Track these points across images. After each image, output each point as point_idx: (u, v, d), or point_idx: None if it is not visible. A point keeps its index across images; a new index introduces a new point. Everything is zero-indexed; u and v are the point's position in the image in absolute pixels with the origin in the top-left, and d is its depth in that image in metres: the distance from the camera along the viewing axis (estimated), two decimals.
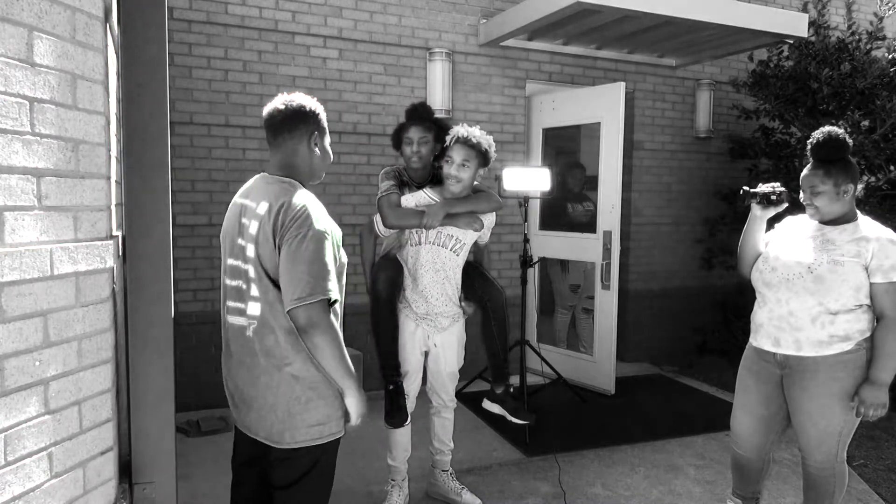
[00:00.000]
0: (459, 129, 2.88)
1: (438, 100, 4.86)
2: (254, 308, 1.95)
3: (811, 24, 4.90)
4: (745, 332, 3.00)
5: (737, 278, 3.01)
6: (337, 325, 1.93)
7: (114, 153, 2.09)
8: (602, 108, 4.86)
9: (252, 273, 1.95)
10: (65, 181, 1.66)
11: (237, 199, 2.12)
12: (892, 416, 4.42)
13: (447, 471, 3.22)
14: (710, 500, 3.27)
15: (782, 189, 2.71)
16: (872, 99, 4.61)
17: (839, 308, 2.44)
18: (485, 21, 5.01)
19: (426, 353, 3.09)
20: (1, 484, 1.52)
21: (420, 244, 2.94)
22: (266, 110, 2.03)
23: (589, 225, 5.11)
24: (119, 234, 2.08)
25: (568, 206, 5.35)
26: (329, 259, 1.87)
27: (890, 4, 5.23)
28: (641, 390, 5.09)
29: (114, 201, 2.03)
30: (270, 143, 2.06)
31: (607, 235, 4.86)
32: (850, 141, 2.52)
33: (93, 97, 1.75)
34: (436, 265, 2.95)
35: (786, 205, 2.70)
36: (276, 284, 1.90)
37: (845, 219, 2.53)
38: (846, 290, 2.43)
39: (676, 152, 5.88)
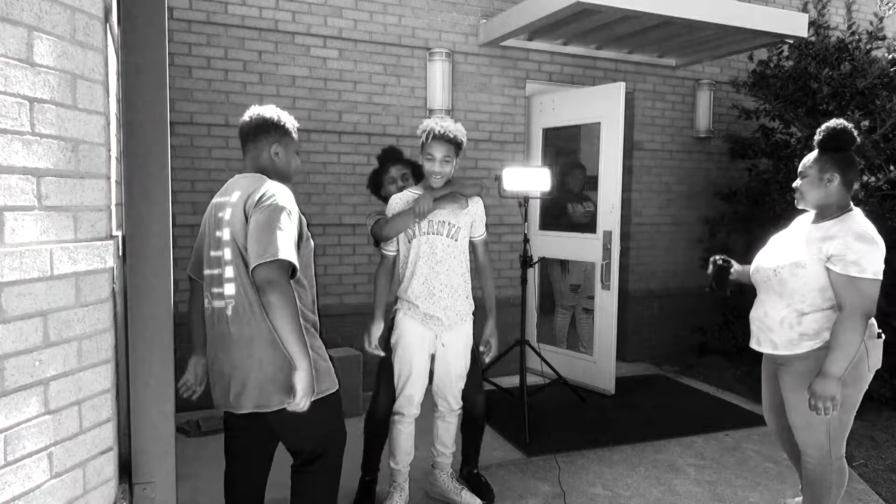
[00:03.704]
0: (433, 125, 2.87)
1: (438, 100, 4.86)
2: (230, 288, 2.13)
3: (811, 24, 4.90)
4: (745, 332, 3.01)
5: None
6: (293, 291, 2.02)
7: (114, 153, 2.09)
8: (602, 108, 4.86)
9: (227, 255, 2.12)
10: (65, 181, 1.66)
11: (214, 200, 2.29)
12: (892, 416, 4.43)
13: (447, 472, 3.22)
14: (710, 500, 3.27)
15: (717, 258, 2.93)
16: (872, 99, 4.61)
17: (810, 308, 2.47)
18: (485, 21, 5.01)
19: (433, 356, 3.03)
20: (1, 484, 1.52)
21: (415, 237, 2.93)
22: (241, 119, 2.30)
23: (589, 225, 5.11)
24: (119, 234, 2.08)
25: (568, 207, 5.35)
26: (288, 228, 2.03)
27: (890, 4, 5.23)
28: (641, 390, 5.09)
29: (114, 201, 2.03)
30: (243, 147, 2.30)
31: (607, 235, 4.86)
32: (854, 135, 2.51)
33: (93, 97, 1.75)
34: (434, 255, 2.92)
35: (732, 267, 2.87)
36: (245, 262, 2.07)
37: (830, 212, 2.52)
38: (809, 292, 2.46)
39: (676, 152, 5.88)
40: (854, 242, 2.37)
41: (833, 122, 2.53)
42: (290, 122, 2.34)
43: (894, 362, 4.62)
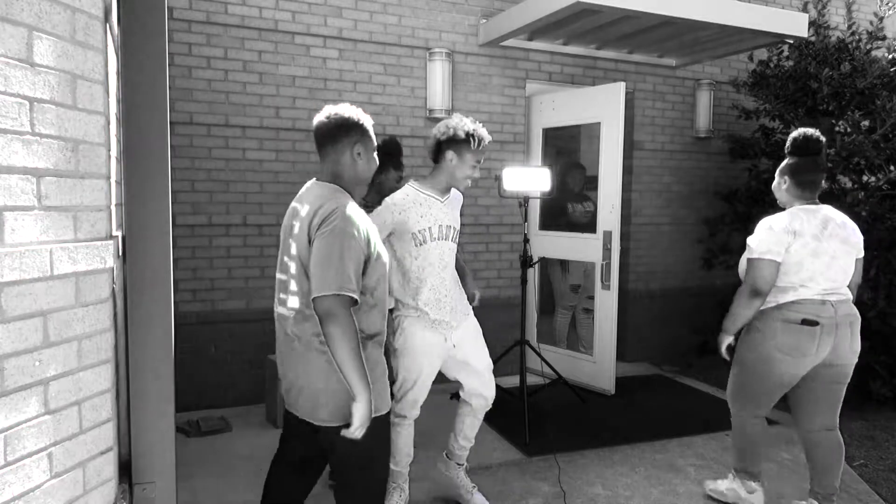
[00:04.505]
0: (481, 132, 2.87)
1: (438, 100, 4.86)
2: (293, 301, 2.13)
3: (811, 24, 4.90)
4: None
5: (736, 278, 3.08)
6: (353, 322, 1.97)
7: (114, 153, 2.09)
8: (602, 108, 4.86)
9: (293, 269, 2.12)
10: (65, 181, 1.66)
11: (293, 202, 2.25)
12: (892, 417, 4.43)
13: (463, 465, 3.19)
14: (710, 501, 3.26)
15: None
16: (872, 99, 4.61)
17: None
18: (485, 21, 5.01)
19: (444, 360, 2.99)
20: (1, 484, 1.52)
21: (425, 243, 2.83)
22: (315, 120, 2.22)
23: (589, 225, 5.11)
24: (119, 234, 2.08)
25: (568, 207, 5.35)
26: (351, 255, 1.98)
27: (890, 4, 5.23)
28: (641, 390, 5.09)
29: (114, 201, 2.03)
30: (319, 151, 2.22)
31: (607, 235, 4.86)
32: (816, 143, 2.92)
33: (93, 97, 1.75)
34: (443, 261, 2.87)
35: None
36: (309, 280, 2.04)
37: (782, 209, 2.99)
38: (743, 274, 2.97)
39: (676, 152, 5.88)
40: (756, 230, 2.91)
41: (798, 132, 2.94)
42: (368, 121, 2.27)
43: (894, 363, 4.64)
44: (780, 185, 2.96)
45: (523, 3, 4.52)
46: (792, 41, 4.90)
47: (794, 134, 2.95)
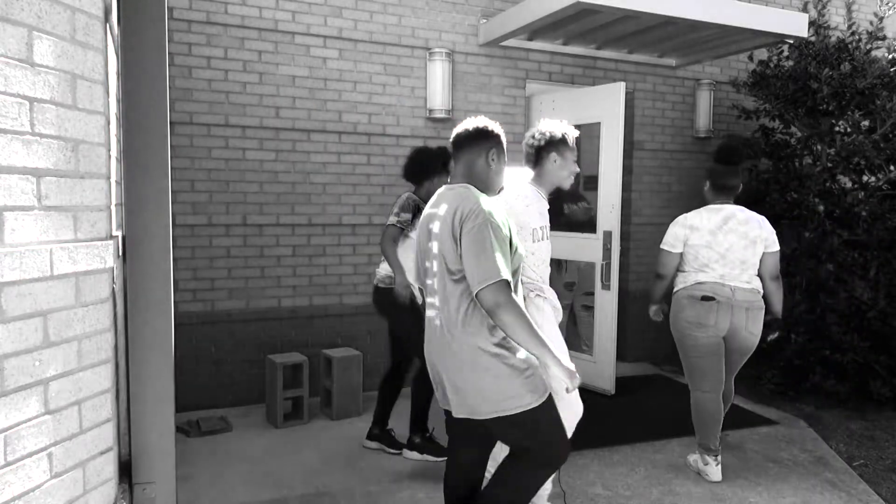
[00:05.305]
0: (568, 128, 2.98)
1: (438, 100, 4.86)
2: (437, 300, 2.23)
3: (811, 24, 4.90)
4: None
5: None
6: (519, 301, 2.10)
7: (114, 153, 2.09)
8: (602, 108, 4.86)
9: (435, 267, 2.22)
10: (65, 181, 1.66)
11: (427, 210, 2.37)
12: (892, 417, 4.43)
13: None
14: (710, 500, 3.26)
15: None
16: (872, 99, 4.61)
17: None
18: (485, 21, 5.01)
19: None
20: (1, 484, 1.52)
21: (543, 239, 2.91)
22: (454, 132, 2.39)
23: (589, 225, 5.11)
24: (119, 234, 2.08)
25: (564, 207, 5.35)
26: (500, 245, 2.09)
27: (890, 4, 5.23)
28: (641, 390, 5.09)
29: (114, 201, 2.03)
30: (455, 156, 2.37)
31: (607, 235, 4.86)
32: (737, 153, 3.60)
33: (93, 97, 1.75)
34: (546, 260, 2.97)
35: None
36: (451, 275, 2.15)
37: None
38: None
39: (676, 152, 5.88)
40: (669, 228, 3.58)
41: (724, 144, 3.50)
42: (503, 135, 2.41)
43: (894, 363, 4.64)
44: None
45: (523, 3, 4.52)
46: (792, 41, 4.89)
47: (721, 144, 3.61)
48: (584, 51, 5.41)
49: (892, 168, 4.68)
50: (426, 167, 3.61)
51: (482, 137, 2.33)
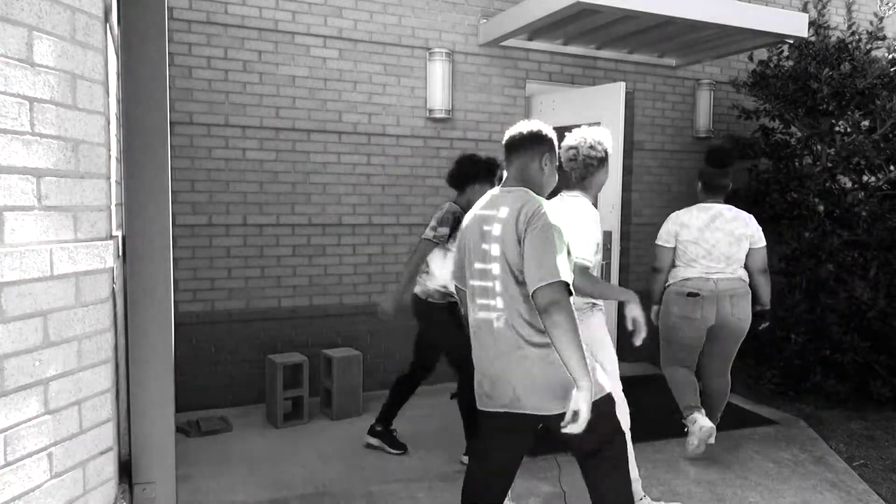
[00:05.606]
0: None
1: (438, 100, 4.86)
2: (499, 301, 2.23)
3: (811, 24, 4.90)
4: None
5: None
6: (574, 310, 2.10)
7: (114, 153, 2.09)
8: (602, 108, 4.86)
9: (496, 270, 2.22)
10: (65, 181, 1.66)
11: (476, 211, 2.36)
12: (892, 417, 4.43)
13: None
14: (710, 500, 3.26)
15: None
16: (872, 99, 4.61)
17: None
18: (485, 21, 5.01)
19: None
20: (1, 484, 1.52)
21: (598, 252, 2.95)
22: (508, 133, 2.38)
23: None
24: (119, 234, 2.08)
25: None
26: (561, 247, 2.12)
27: (890, 4, 5.23)
28: (641, 390, 5.07)
29: (114, 201, 2.03)
30: (508, 160, 2.36)
31: (607, 235, 4.86)
32: (727, 156, 3.79)
33: (93, 97, 1.75)
34: (596, 271, 3.02)
35: None
36: (515, 278, 2.17)
37: None
38: None
39: (676, 152, 5.88)
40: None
41: (716, 146, 3.72)
42: (556, 139, 2.43)
43: (894, 363, 4.64)
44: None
45: (523, 3, 4.52)
46: (792, 41, 4.89)
47: (711, 147, 3.96)
48: (584, 51, 5.41)
49: (892, 168, 4.68)
50: (470, 174, 3.57)
51: (537, 141, 2.33)
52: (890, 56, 4.79)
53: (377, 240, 4.81)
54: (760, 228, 3.69)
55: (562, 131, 5.58)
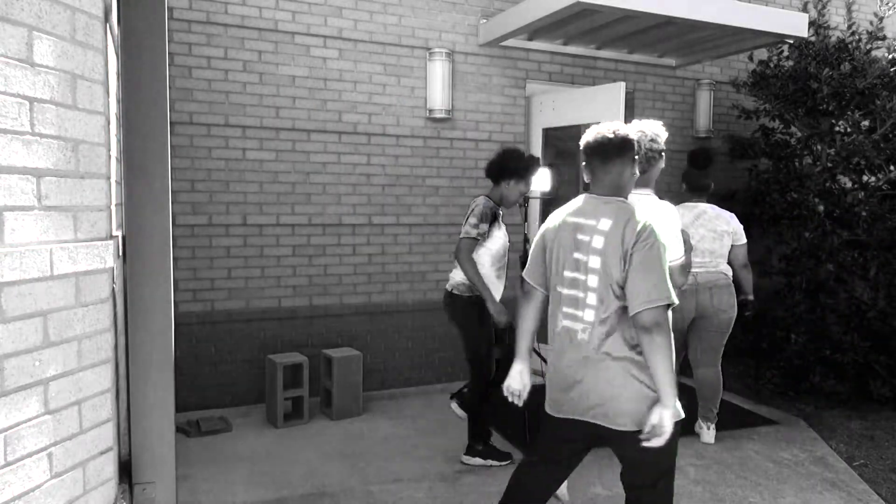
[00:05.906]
0: None
1: (438, 100, 4.85)
2: (589, 314, 2.19)
3: (811, 24, 4.90)
4: (744, 332, 3.03)
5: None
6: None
7: (114, 153, 2.09)
8: (602, 108, 4.85)
9: (592, 283, 2.17)
10: (65, 181, 1.66)
11: (568, 218, 2.30)
12: (892, 417, 4.43)
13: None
14: (710, 500, 3.26)
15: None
16: (872, 99, 4.61)
17: None
18: (485, 21, 5.00)
19: None
20: (1, 484, 1.52)
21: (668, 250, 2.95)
22: (593, 137, 2.28)
23: None
24: (119, 234, 2.08)
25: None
26: (667, 265, 2.12)
27: (890, 4, 5.23)
28: None
29: (114, 201, 2.03)
30: (598, 167, 2.26)
31: None
32: (707, 158, 4.24)
33: (93, 97, 1.75)
34: None
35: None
36: (613, 292, 2.13)
37: None
38: None
39: (676, 152, 5.86)
40: None
41: (698, 149, 3.84)
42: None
43: (894, 363, 4.64)
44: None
45: (523, 3, 4.52)
46: (792, 41, 4.89)
47: (693, 150, 4.41)
48: (584, 51, 5.41)
49: (892, 168, 4.68)
50: (510, 169, 3.57)
51: (629, 147, 2.25)
52: (890, 56, 4.79)
53: (377, 240, 4.81)
54: (742, 226, 3.96)
55: (562, 131, 5.57)
